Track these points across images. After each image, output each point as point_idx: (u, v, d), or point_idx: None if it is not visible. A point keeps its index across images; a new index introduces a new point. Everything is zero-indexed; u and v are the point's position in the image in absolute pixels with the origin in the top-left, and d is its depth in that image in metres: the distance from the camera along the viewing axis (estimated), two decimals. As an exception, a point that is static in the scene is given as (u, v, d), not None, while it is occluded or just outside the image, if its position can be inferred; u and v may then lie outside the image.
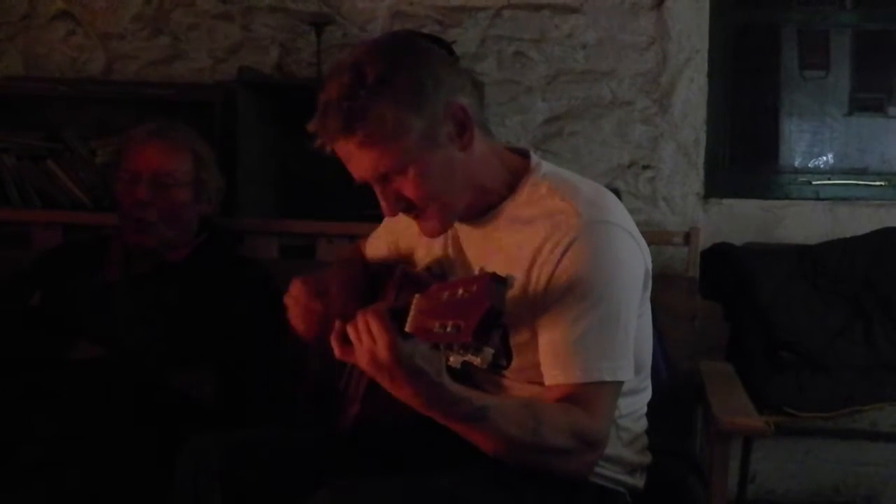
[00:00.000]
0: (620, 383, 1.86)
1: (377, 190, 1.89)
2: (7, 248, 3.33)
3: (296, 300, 2.11)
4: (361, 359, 1.65)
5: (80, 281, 2.74)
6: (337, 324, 1.72)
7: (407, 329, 1.59)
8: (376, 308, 1.64)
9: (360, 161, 1.85)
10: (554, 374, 1.83)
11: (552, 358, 1.84)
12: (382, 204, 1.91)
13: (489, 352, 1.53)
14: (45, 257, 2.92)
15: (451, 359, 1.56)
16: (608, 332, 1.83)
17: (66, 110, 3.67)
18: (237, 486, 1.92)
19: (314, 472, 1.89)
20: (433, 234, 1.98)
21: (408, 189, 1.86)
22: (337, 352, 1.72)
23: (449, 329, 1.51)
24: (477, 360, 1.53)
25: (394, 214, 1.92)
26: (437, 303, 1.56)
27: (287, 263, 3.16)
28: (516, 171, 1.98)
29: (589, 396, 1.80)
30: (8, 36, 3.88)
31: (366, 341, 1.63)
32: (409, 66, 1.83)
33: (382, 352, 1.60)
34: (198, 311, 2.66)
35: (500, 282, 1.52)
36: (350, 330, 1.67)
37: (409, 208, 1.91)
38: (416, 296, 1.61)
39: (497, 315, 1.50)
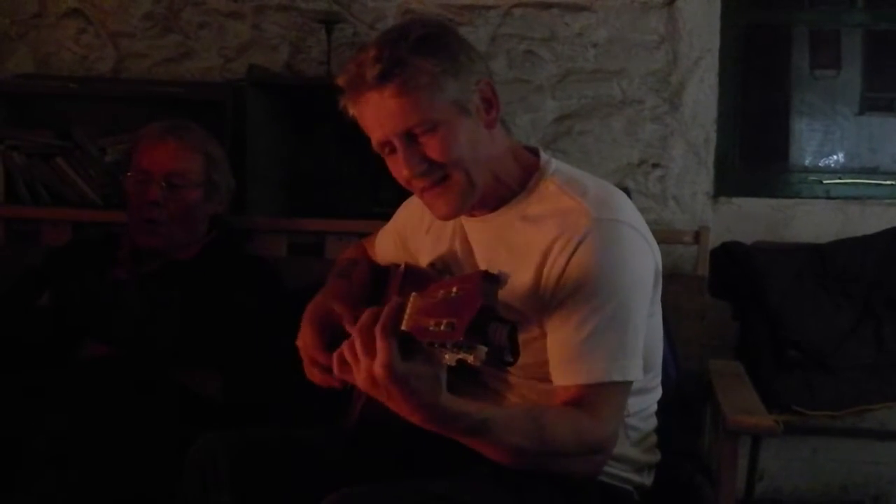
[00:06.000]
0: (629, 383, 1.86)
1: (400, 147, 1.87)
2: (17, 245, 3.34)
3: (305, 351, 2.11)
4: (358, 377, 1.62)
5: (88, 279, 2.75)
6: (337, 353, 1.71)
7: (403, 327, 1.59)
8: (383, 326, 1.60)
9: (390, 114, 1.85)
10: (562, 375, 1.84)
11: (560, 358, 1.84)
12: (403, 166, 1.89)
13: (482, 350, 1.52)
14: (53, 256, 2.92)
15: (447, 357, 1.56)
16: (617, 331, 1.82)
17: (76, 108, 3.67)
18: (245, 485, 1.92)
19: (321, 472, 1.90)
20: (446, 214, 1.96)
21: (434, 150, 1.86)
22: (336, 370, 1.70)
23: (443, 327, 1.51)
24: (470, 358, 1.52)
25: (413, 177, 1.89)
26: (432, 301, 1.57)
27: (296, 261, 3.16)
28: (528, 169, 1.99)
29: (594, 398, 1.80)
30: (18, 34, 3.89)
31: (363, 361, 1.61)
32: (449, 37, 1.91)
33: (378, 369, 1.57)
34: (206, 310, 2.66)
35: (492, 280, 1.53)
36: (346, 351, 1.65)
37: (431, 172, 1.89)
38: (413, 295, 1.61)
39: (489, 313, 1.50)
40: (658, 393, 2.08)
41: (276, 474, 1.94)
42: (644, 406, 2.03)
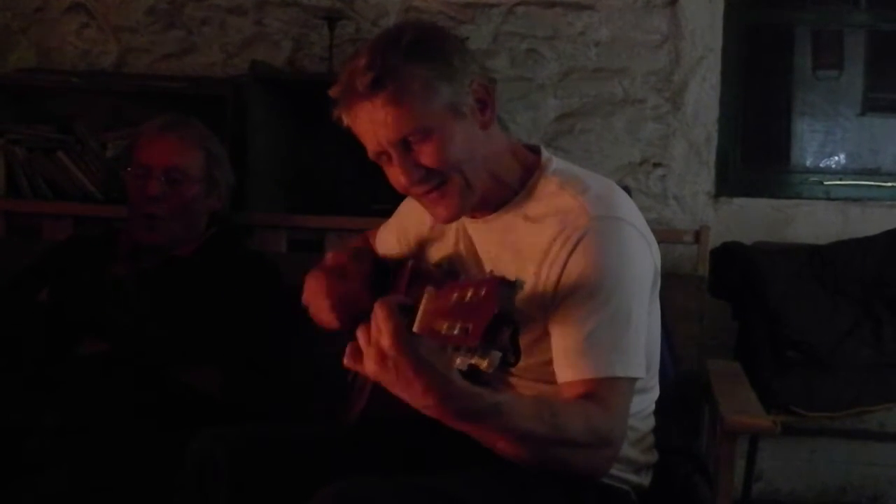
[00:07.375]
0: (634, 380, 1.85)
1: (395, 156, 1.86)
2: (18, 239, 3.34)
3: (315, 293, 2.10)
4: (368, 358, 1.60)
5: (88, 275, 2.74)
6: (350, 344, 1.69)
7: (415, 329, 1.57)
8: (385, 300, 1.59)
9: (383, 122, 1.83)
10: (566, 372, 1.82)
11: (564, 355, 1.83)
12: (400, 174, 1.87)
13: (496, 355, 1.51)
14: (53, 252, 2.91)
15: (458, 361, 1.54)
16: (619, 328, 1.81)
17: (78, 103, 3.68)
18: (244, 482, 1.91)
19: (320, 470, 1.88)
20: (447, 218, 1.95)
21: (429, 156, 1.84)
22: (347, 360, 1.67)
23: (457, 331, 1.49)
24: (483, 364, 1.51)
25: (411, 185, 1.88)
26: (445, 304, 1.55)
27: (296, 258, 3.15)
28: (528, 167, 1.97)
29: (602, 393, 1.79)
30: (21, 28, 3.90)
31: (372, 335, 1.58)
32: (441, 40, 1.89)
33: (386, 340, 1.54)
34: (206, 306, 2.65)
35: (509, 286, 1.51)
36: (360, 333, 1.62)
37: (429, 178, 1.87)
38: (425, 296, 1.60)
39: (505, 320, 1.49)
40: (656, 393, 2.07)
41: (274, 471, 1.94)
42: (642, 406, 2.02)
